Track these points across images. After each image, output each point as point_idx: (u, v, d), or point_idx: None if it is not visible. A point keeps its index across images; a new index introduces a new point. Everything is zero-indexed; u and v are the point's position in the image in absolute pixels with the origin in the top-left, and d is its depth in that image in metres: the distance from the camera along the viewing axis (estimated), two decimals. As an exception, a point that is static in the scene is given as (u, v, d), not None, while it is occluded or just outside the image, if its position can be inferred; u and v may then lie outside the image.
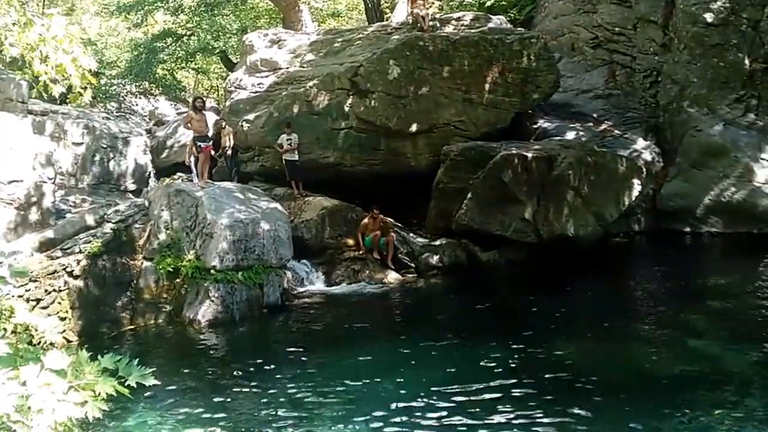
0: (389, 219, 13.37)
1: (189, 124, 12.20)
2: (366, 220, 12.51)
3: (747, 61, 14.50)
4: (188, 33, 23.34)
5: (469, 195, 12.63)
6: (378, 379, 6.97)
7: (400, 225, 13.47)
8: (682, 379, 6.51)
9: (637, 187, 13.12)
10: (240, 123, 15.13)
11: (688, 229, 14.03)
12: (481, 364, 7.27)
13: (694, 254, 13.02)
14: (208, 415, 6.35)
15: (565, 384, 6.53)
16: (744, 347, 7.19)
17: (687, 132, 14.69)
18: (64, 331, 9.28)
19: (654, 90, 16.32)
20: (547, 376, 6.78)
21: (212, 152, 12.82)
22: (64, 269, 9.70)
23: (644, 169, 13.57)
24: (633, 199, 13.25)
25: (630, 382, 6.56)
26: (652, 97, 16.34)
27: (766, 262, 11.51)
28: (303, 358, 7.98)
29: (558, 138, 14.44)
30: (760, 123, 14.33)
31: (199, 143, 12.13)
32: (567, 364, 7.14)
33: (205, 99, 13.89)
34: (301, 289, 11.54)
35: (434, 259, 12.48)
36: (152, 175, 16.69)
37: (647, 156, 14.65)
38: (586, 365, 7.10)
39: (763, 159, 13.88)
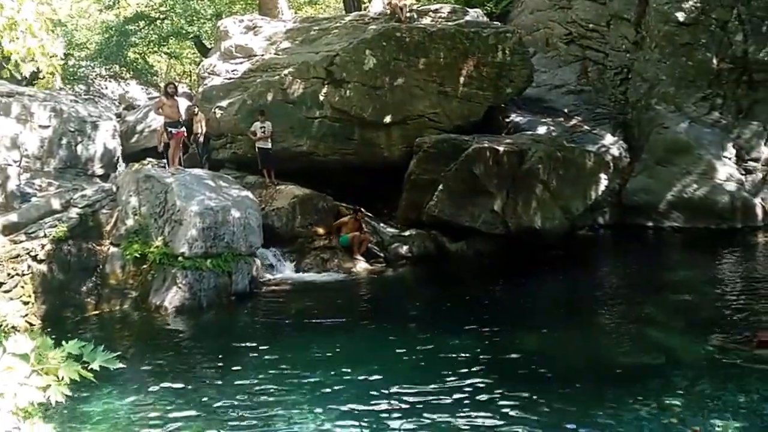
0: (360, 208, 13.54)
1: (160, 110, 12.08)
2: (346, 219, 12.55)
3: (714, 61, 14.90)
4: (161, 17, 22.96)
5: (441, 187, 12.77)
6: (343, 367, 7.01)
7: (370, 215, 13.55)
8: (640, 369, 6.66)
9: (603, 182, 13.42)
10: (213, 109, 15.00)
11: (650, 224, 14.44)
12: (446, 352, 7.38)
13: (655, 248, 13.41)
14: (172, 402, 6.34)
15: (527, 373, 6.66)
16: (698, 338, 7.42)
17: (654, 129, 15.08)
18: (26, 315, 9.20)
19: (624, 87, 16.66)
20: (510, 365, 6.93)
21: (184, 139, 12.72)
22: (28, 253, 9.61)
23: (611, 165, 13.89)
24: (599, 193, 13.56)
25: (590, 371, 6.71)
26: (622, 94, 16.68)
27: (723, 257, 11.89)
28: (269, 346, 7.97)
29: (529, 132, 14.63)
30: (723, 121, 14.77)
31: (170, 129, 12.03)
32: (530, 354, 7.29)
33: (177, 84, 13.75)
34: (270, 277, 11.56)
35: (403, 249, 12.62)
36: (121, 160, 16.44)
37: (615, 152, 14.98)
38: (549, 355, 7.28)
39: (725, 157, 14.34)
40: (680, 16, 15.21)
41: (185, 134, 12.88)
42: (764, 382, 6.20)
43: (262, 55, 16.03)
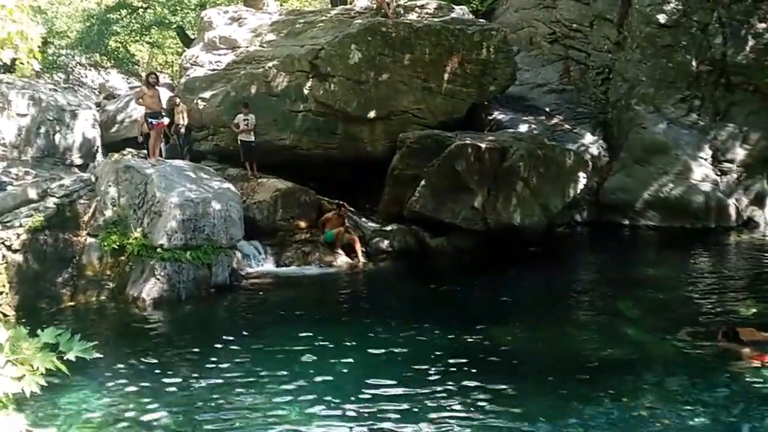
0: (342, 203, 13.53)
1: (141, 100, 11.93)
2: (330, 214, 12.50)
3: (694, 63, 15.09)
4: (144, 5, 22.61)
5: (423, 182, 12.80)
6: (322, 361, 7.03)
7: (353, 210, 13.54)
8: (613, 363, 6.82)
9: (582, 180, 13.56)
10: (195, 101, 14.86)
11: (627, 222, 14.66)
12: (425, 346, 7.44)
13: (631, 246, 13.63)
14: (148, 394, 6.30)
15: (504, 367, 6.76)
16: (670, 334, 7.57)
17: (633, 129, 15.26)
18: (0, 305, 9.06)
19: (605, 87, 16.81)
20: (488, 359, 7.01)
21: (165, 129, 12.58)
22: (3, 243, 9.46)
23: (590, 164, 14.03)
24: (578, 191, 13.71)
25: (566, 365, 6.82)
26: (602, 93, 16.83)
27: (697, 255, 12.13)
28: (248, 339, 7.90)
29: (511, 130, 14.73)
30: (701, 123, 14.98)
31: (150, 120, 11.88)
32: (507, 348, 7.40)
33: (159, 74, 13.59)
34: (250, 270, 11.50)
35: (384, 244, 12.63)
36: (100, 150, 16.24)
37: (594, 151, 15.13)
38: (526, 349, 7.39)
39: (701, 157, 14.56)
40: (662, 18, 15.37)
41: (166, 125, 12.73)
42: (731, 377, 6.38)
43: (247, 47, 15.91)
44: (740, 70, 14.78)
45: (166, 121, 12.54)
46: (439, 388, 6.21)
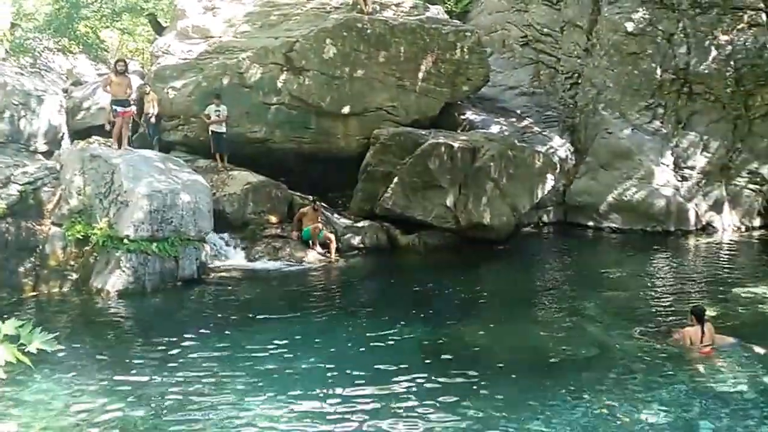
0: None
1: (108, 87, 11.43)
2: (305, 209, 12.24)
3: (658, 72, 15.28)
4: (116, -9, 21.90)
5: (396, 179, 12.72)
6: (290, 356, 6.91)
7: (325, 205, 13.34)
8: (575, 361, 6.86)
9: (550, 182, 13.68)
10: (165, 89, 14.40)
11: (591, 224, 14.82)
12: (394, 342, 7.40)
13: (594, 247, 13.79)
14: (111, 388, 6.11)
15: (470, 363, 6.73)
16: (630, 333, 7.63)
17: (599, 134, 15.41)
18: (-42, 295, 8.63)
19: (574, 92, 16.96)
20: (453, 356, 6.99)
21: (133, 118, 12.08)
22: (-37, 230, 8.99)
23: (558, 166, 14.16)
24: (545, 192, 13.84)
25: (529, 363, 6.84)
26: (571, 98, 16.98)
27: (657, 257, 12.29)
28: (214, 334, 7.74)
29: (483, 131, 14.76)
30: (664, 130, 15.19)
31: (115, 107, 11.37)
32: (474, 345, 7.41)
33: (128, 61, 13.04)
34: (219, 264, 11.22)
35: (356, 240, 12.49)
36: (66, 137, 15.62)
37: (562, 153, 15.26)
38: (491, 346, 7.39)
39: (663, 163, 14.78)
40: (629, 26, 15.52)
41: (134, 114, 12.22)
42: (689, 375, 6.46)
43: (220, 37, 15.51)
44: (702, 80, 15.03)
45: (133, 109, 12.03)
46: (405, 385, 6.15)
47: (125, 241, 9.52)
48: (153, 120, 14.06)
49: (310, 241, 12.02)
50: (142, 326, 8.34)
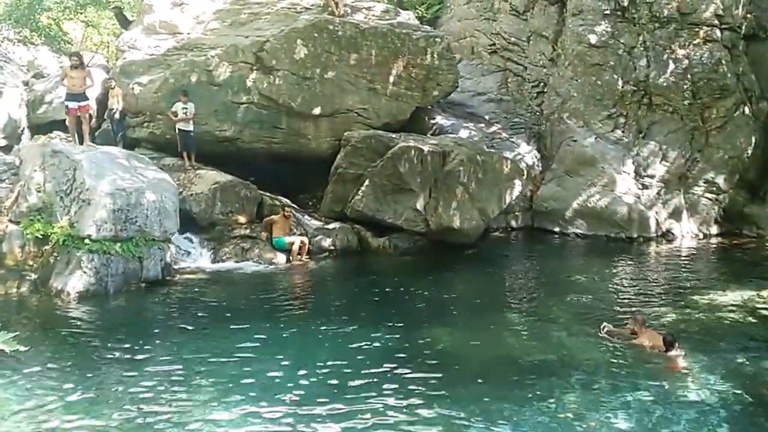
0: (285, 199, 12.96)
1: (64, 81, 10.80)
2: (275, 217, 11.86)
3: (620, 83, 15.47)
4: (81, -17, 20.98)
5: (366, 182, 12.53)
6: (255, 361, 6.76)
7: (295, 206, 13.04)
8: (542, 366, 6.82)
9: (518, 187, 13.67)
10: (131, 85, 13.81)
11: (557, 229, 14.90)
12: (361, 345, 7.29)
13: (560, 252, 13.84)
14: (69, 393, 5.88)
15: (435, 367, 6.68)
16: (594, 338, 7.62)
17: (564, 141, 15.54)
18: None
19: (540, 100, 17.09)
20: (422, 359, 6.91)
21: (89, 113, 11.35)
22: None
23: (525, 172, 14.18)
24: (513, 198, 13.82)
25: (495, 367, 6.81)
26: (537, 106, 17.13)
27: (619, 262, 12.39)
28: (178, 337, 7.59)
29: (452, 135, 14.67)
30: (625, 139, 15.39)
31: (67, 102, 10.72)
32: (441, 349, 7.34)
33: (83, 55, 12.34)
34: (184, 265, 10.83)
35: (327, 242, 12.22)
36: (26, 131, 14.87)
37: (529, 160, 15.30)
38: (457, 350, 7.34)
39: (625, 172, 14.95)
40: (593, 38, 15.68)
41: (90, 108, 11.49)
42: (653, 379, 6.46)
43: (188, 33, 15.02)
44: (661, 92, 15.26)
45: (89, 104, 11.29)
46: (373, 388, 6.10)
47: (87, 240, 9.06)
48: (117, 116, 13.44)
49: (289, 252, 11.56)
50: (104, 329, 7.93)
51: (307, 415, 5.52)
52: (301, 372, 6.43)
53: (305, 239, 11.74)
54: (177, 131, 12.85)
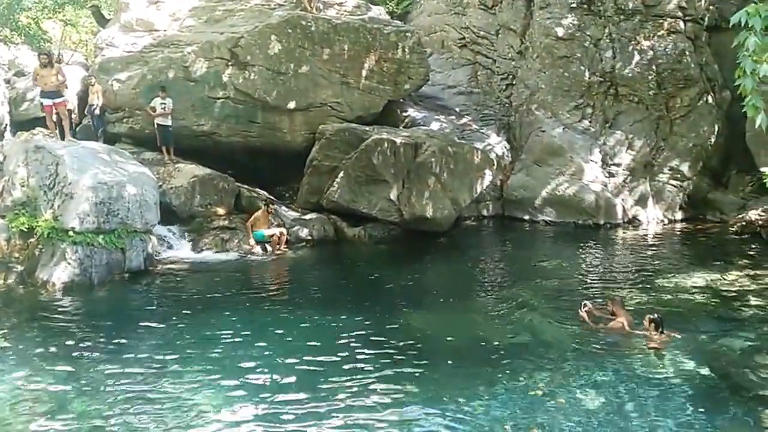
0: (263, 191, 13.25)
1: (36, 80, 11.07)
2: (258, 213, 12.10)
3: (587, 74, 15.93)
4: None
5: (341, 174, 12.81)
6: (236, 347, 6.93)
7: (272, 198, 13.32)
8: (513, 347, 7.06)
9: (488, 177, 14.02)
10: (110, 82, 14.06)
11: (527, 217, 15.26)
12: (336, 331, 7.46)
13: (530, 239, 14.16)
14: (58, 382, 6.00)
15: (410, 352, 6.86)
16: (563, 321, 7.86)
17: (533, 132, 15.92)
18: None
19: (509, 92, 17.44)
20: (395, 344, 7.10)
21: (69, 109, 11.59)
22: None
23: (495, 162, 14.49)
24: (484, 187, 14.17)
25: (467, 349, 7.02)
26: (506, 98, 17.45)
27: (587, 248, 12.76)
28: (161, 325, 7.69)
29: (424, 127, 14.97)
30: (592, 129, 15.84)
31: (41, 100, 10.99)
32: (416, 333, 7.52)
33: (51, 53, 12.56)
34: (166, 256, 11.07)
35: (304, 232, 12.51)
36: (9, 128, 15.00)
37: (498, 150, 15.63)
38: (431, 335, 7.52)
39: (592, 161, 15.40)
40: (560, 31, 16.12)
41: (65, 105, 11.75)
42: (619, 360, 6.74)
43: (164, 30, 15.22)
44: (627, 83, 15.67)
45: (65, 100, 11.53)
46: (351, 373, 6.26)
47: (71, 233, 9.30)
48: (97, 111, 13.68)
49: (265, 243, 11.87)
50: (89, 318, 8.13)
51: (287, 397, 5.68)
52: (281, 357, 6.61)
53: (284, 230, 12.04)
54: (156, 126, 13.10)
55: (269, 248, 11.74)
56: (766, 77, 5.14)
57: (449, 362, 6.62)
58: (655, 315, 7.37)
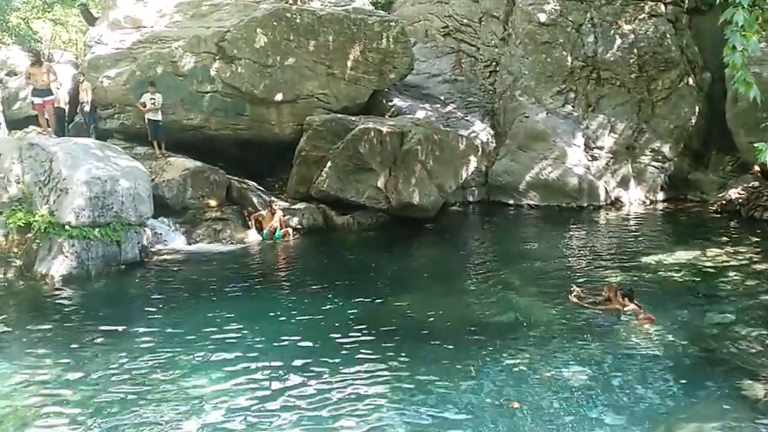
0: (252, 182, 13.51)
1: (27, 79, 11.31)
2: (264, 213, 12.36)
3: (569, 59, 16.19)
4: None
5: (329, 163, 13.04)
6: (232, 334, 7.08)
7: (262, 189, 13.55)
8: (500, 327, 7.28)
9: (473, 163, 14.32)
10: (100, 78, 14.23)
11: (512, 201, 15.50)
12: (328, 315, 7.70)
13: (515, 222, 14.42)
14: (58, 372, 6.16)
15: (400, 333, 7.09)
16: (548, 301, 8.09)
17: (516, 118, 16.14)
18: None
19: (492, 79, 17.64)
20: (389, 325, 7.35)
21: (58, 107, 11.85)
22: None
23: (480, 148, 14.79)
24: (469, 173, 14.47)
25: (455, 329, 7.22)
26: (490, 85, 17.67)
27: (571, 230, 13.06)
28: (158, 315, 7.88)
29: (409, 116, 15.18)
30: (575, 114, 16.11)
31: (32, 98, 11.24)
32: (407, 316, 7.76)
33: (40, 52, 12.80)
34: (160, 247, 11.32)
35: (294, 221, 12.73)
36: (3, 126, 15.18)
37: (483, 137, 15.91)
38: (420, 317, 7.71)
39: (575, 144, 15.69)
40: (542, 16, 16.34)
41: (54, 103, 11.97)
42: (601, 337, 6.97)
43: (152, 26, 15.36)
44: (609, 67, 15.93)
45: (53, 98, 11.76)
46: (342, 353, 6.48)
47: (67, 227, 9.53)
48: (87, 108, 13.88)
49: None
50: (88, 309, 8.31)
51: (283, 381, 5.84)
52: (275, 341, 6.77)
53: (289, 229, 12.28)
54: (146, 121, 13.28)
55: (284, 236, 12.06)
56: (755, 52, 5.19)
57: (437, 342, 6.80)
58: (623, 286, 7.59)
